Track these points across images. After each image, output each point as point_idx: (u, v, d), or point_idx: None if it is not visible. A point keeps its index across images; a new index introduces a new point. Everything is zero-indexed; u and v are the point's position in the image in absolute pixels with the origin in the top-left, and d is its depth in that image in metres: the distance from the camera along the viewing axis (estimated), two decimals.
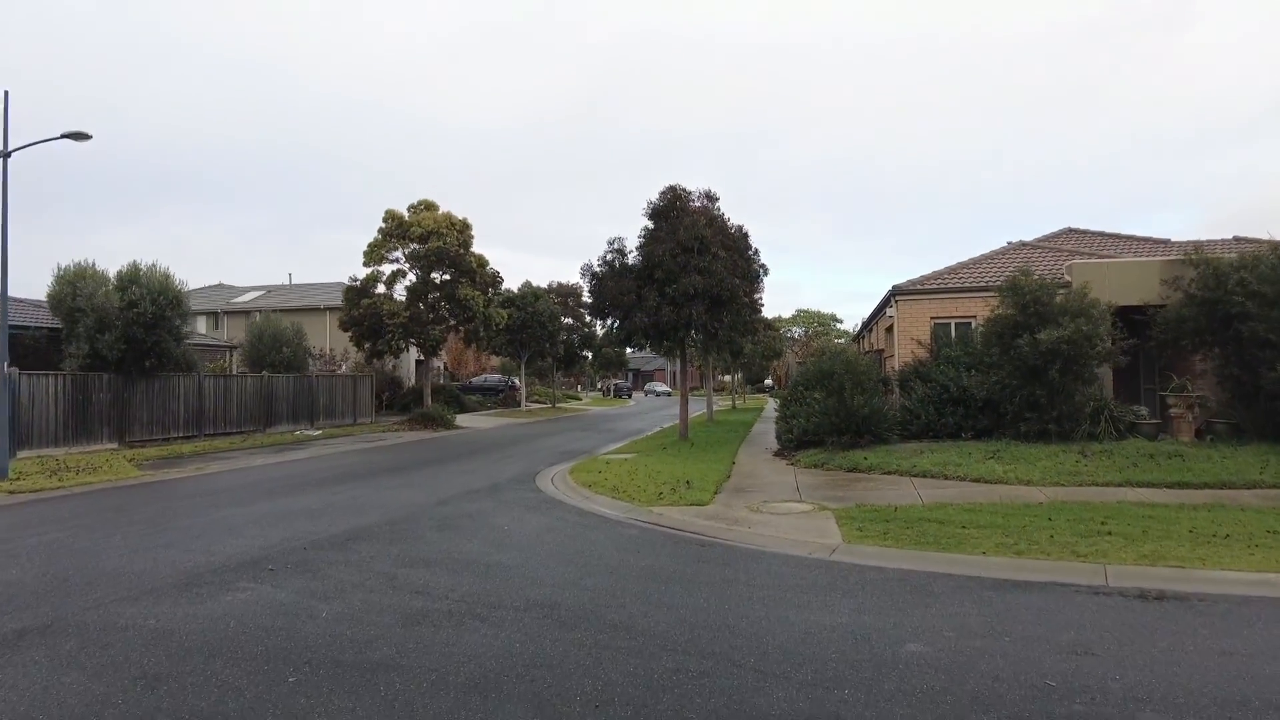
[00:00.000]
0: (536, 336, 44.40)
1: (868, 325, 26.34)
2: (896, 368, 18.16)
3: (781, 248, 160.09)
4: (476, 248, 34.23)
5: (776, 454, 18.27)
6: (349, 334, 33.02)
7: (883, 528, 9.51)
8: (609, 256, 21.26)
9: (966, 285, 18.45)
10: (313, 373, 32.77)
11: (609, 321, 21.79)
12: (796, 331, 65.86)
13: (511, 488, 14.20)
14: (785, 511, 11.07)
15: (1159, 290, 16.12)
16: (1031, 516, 9.73)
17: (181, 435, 25.18)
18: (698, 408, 41.22)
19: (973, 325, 18.46)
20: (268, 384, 29.30)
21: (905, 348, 18.37)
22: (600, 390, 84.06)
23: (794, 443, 17.66)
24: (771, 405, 48.48)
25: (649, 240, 20.79)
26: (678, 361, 34.78)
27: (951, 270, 19.40)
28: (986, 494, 11.63)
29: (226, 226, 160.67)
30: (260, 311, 41.01)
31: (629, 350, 78.04)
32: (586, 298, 21.57)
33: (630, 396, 76.97)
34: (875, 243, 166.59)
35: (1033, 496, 11.32)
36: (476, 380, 58.43)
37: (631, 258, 21.20)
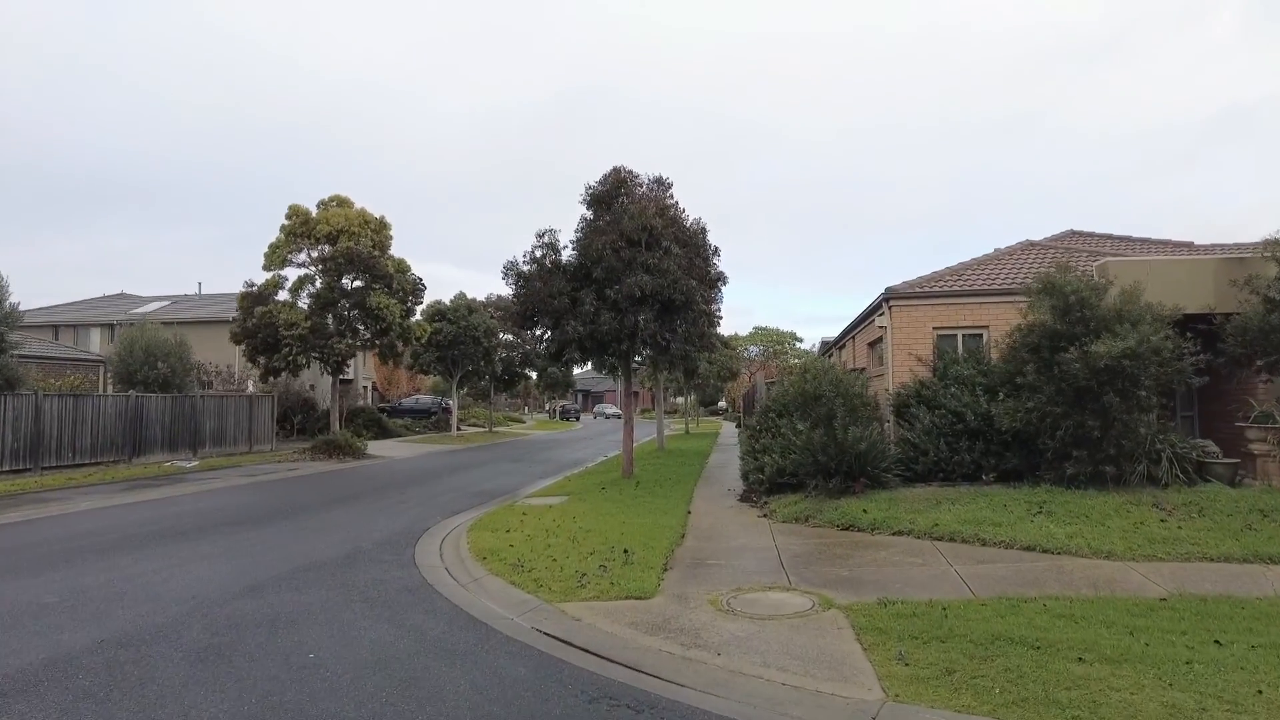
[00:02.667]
0: (470, 353, 40.10)
1: (842, 340, 22.78)
2: (890, 389, 14.54)
3: (735, 268, 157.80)
4: (419, 262, 30.07)
5: (743, 498, 14.43)
6: (242, 347, 28.39)
7: (942, 657, 5.68)
8: (538, 253, 17.32)
9: (977, 288, 14.97)
10: (197, 392, 28.02)
11: (539, 333, 17.78)
12: (753, 350, 62.47)
13: (375, 559, 10.06)
14: (771, 612, 7.18)
15: (1217, 294, 12.79)
16: (1170, 629, 6.02)
17: (8, 469, 20.34)
18: (647, 432, 37.32)
19: (984, 338, 14.96)
20: (135, 405, 24.55)
21: (901, 364, 14.78)
22: (548, 413, 79.61)
23: (765, 485, 13.85)
24: (728, 430, 44.79)
25: (587, 232, 16.92)
26: (624, 381, 31.04)
27: (954, 271, 15.94)
28: (1060, 575, 7.94)
29: (175, 240, 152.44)
30: (156, 322, 36.13)
31: (576, 370, 73.86)
32: (511, 302, 17.55)
33: (578, 419, 72.77)
34: (830, 265, 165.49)
35: (1134, 582, 7.64)
36: (407, 402, 53.78)
37: (566, 254, 17.30)
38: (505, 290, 17.45)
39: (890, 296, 15.06)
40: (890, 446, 13.03)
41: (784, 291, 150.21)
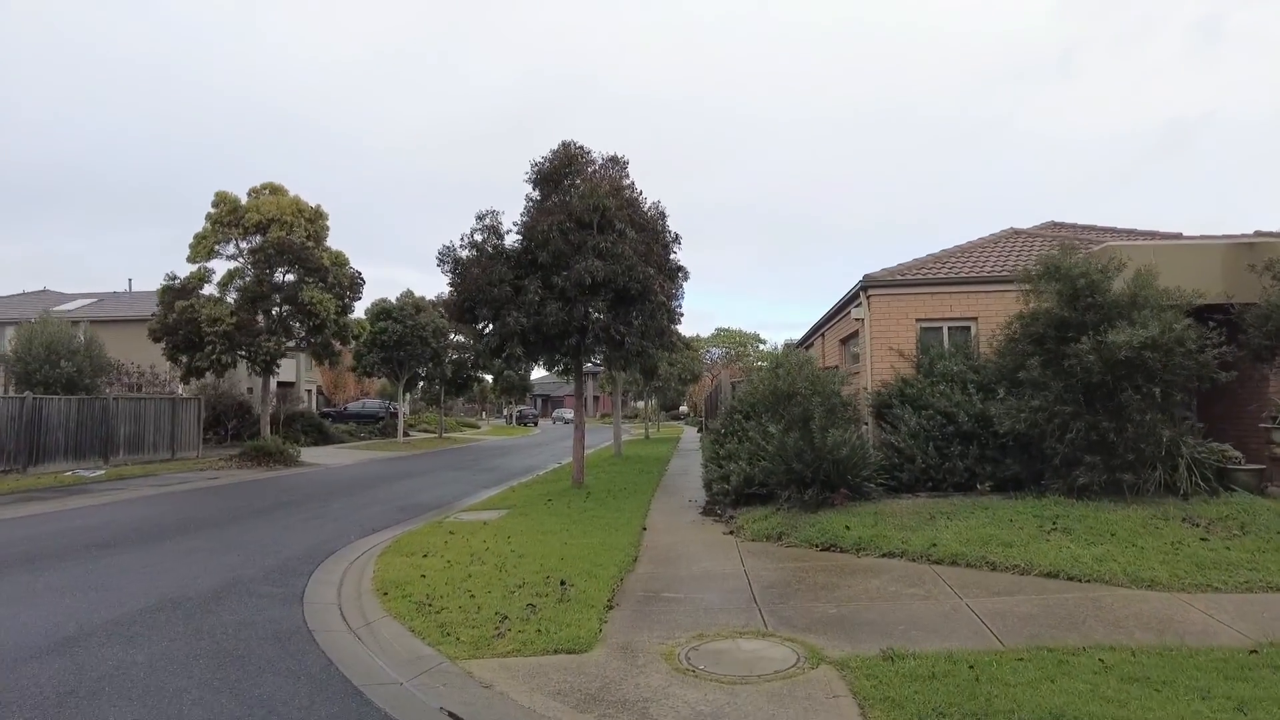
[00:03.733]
0: (418, 355, 37.96)
1: (809, 339, 21.27)
2: (869, 388, 12.99)
3: (695, 273, 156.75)
4: (375, 264, 27.90)
5: (706, 511, 12.74)
6: (161, 345, 25.99)
7: None
8: (478, 236, 15.47)
9: (964, 276, 13.49)
10: (109, 394, 25.53)
11: (480, 328, 15.93)
12: (715, 353, 60.94)
13: (255, 591, 8.15)
14: (744, 672, 5.46)
15: (1228, 281, 11.48)
16: None
17: None
18: (605, 438, 35.54)
19: (972, 331, 13.49)
20: (32, 408, 22.07)
21: (881, 360, 13.23)
22: (505, 418, 77.35)
23: (730, 496, 12.18)
24: (690, 435, 43.14)
25: (533, 213, 15.12)
26: (587, 384, 29.35)
27: (938, 259, 14.47)
28: (1101, 612, 6.36)
29: (118, 242, 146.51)
30: (84, 321, 33.41)
31: (535, 374, 71.71)
32: (447, 291, 15.67)
33: (536, 424, 70.71)
34: (791, 273, 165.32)
35: (1197, 622, 6.07)
36: (354, 406, 51.34)
37: (510, 239, 15.48)
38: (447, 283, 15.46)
39: (869, 285, 13.52)
40: (871, 452, 11.44)
41: (745, 298, 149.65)
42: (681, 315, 18.02)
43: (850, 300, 14.52)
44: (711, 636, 6.25)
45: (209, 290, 26.62)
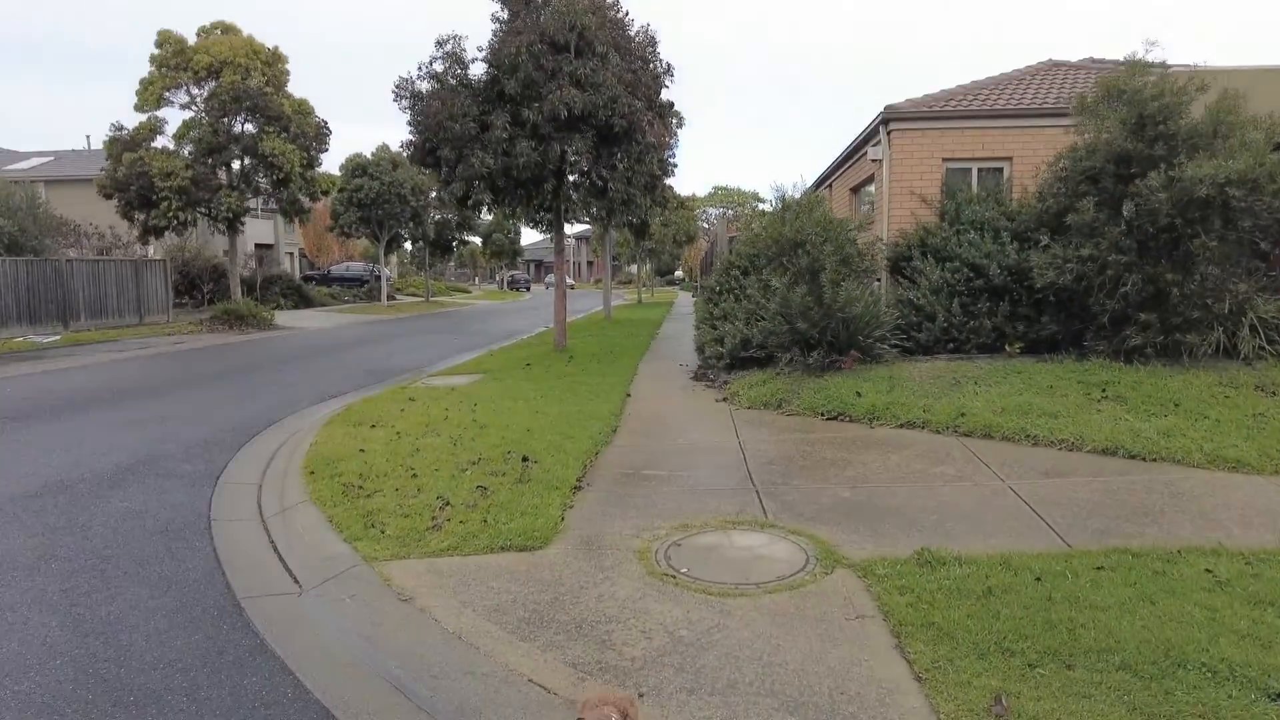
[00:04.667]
0: (396, 214, 35.88)
1: (815, 190, 19.39)
2: (884, 239, 11.43)
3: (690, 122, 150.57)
4: (346, 123, 25.16)
5: (698, 376, 11.47)
6: (114, 203, 24.03)
7: (1071, 704, 2.80)
8: (438, 66, 13.38)
9: (1000, 109, 11.62)
10: (62, 256, 23.85)
11: (443, 175, 14.10)
12: (713, 213, 58.24)
13: (168, 470, 6.95)
14: (738, 577, 4.24)
15: None
16: None
17: None
18: (596, 303, 34.14)
19: (1005, 174, 11.78)
20: None
21: (900, 207, 11.60)
22: (497, 283, 75.70)
23: (725, 360, 10.87)
24: (684, 300, 41.62)
25: (502, 36, 13.00)
26: (580, 249, 27.73)
27: (968, 91, 12.51)
28: (1179, 500, 5.14)
29: (87, 97, 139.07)
30: (28, 180, 31.24)
31: (527, 238, 69.43)
32: (406, 131, 13.75)
33: (528, 289, 69.14)
34: (796, 131, 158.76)
35: None
36: (337, 270, 49.57)
37: (476, 69, 13.41)
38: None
39: (890, 118, 11.67)
40: (884, 310, 10.03)
41: (745, 157, 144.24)
42: (675, 166, 16.19)
43: (868, 138, 12.68)
44: (698, 527, 5.03)
45: (163, 142, 24.40)
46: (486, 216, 43.92)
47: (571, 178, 13.37)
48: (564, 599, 4.04)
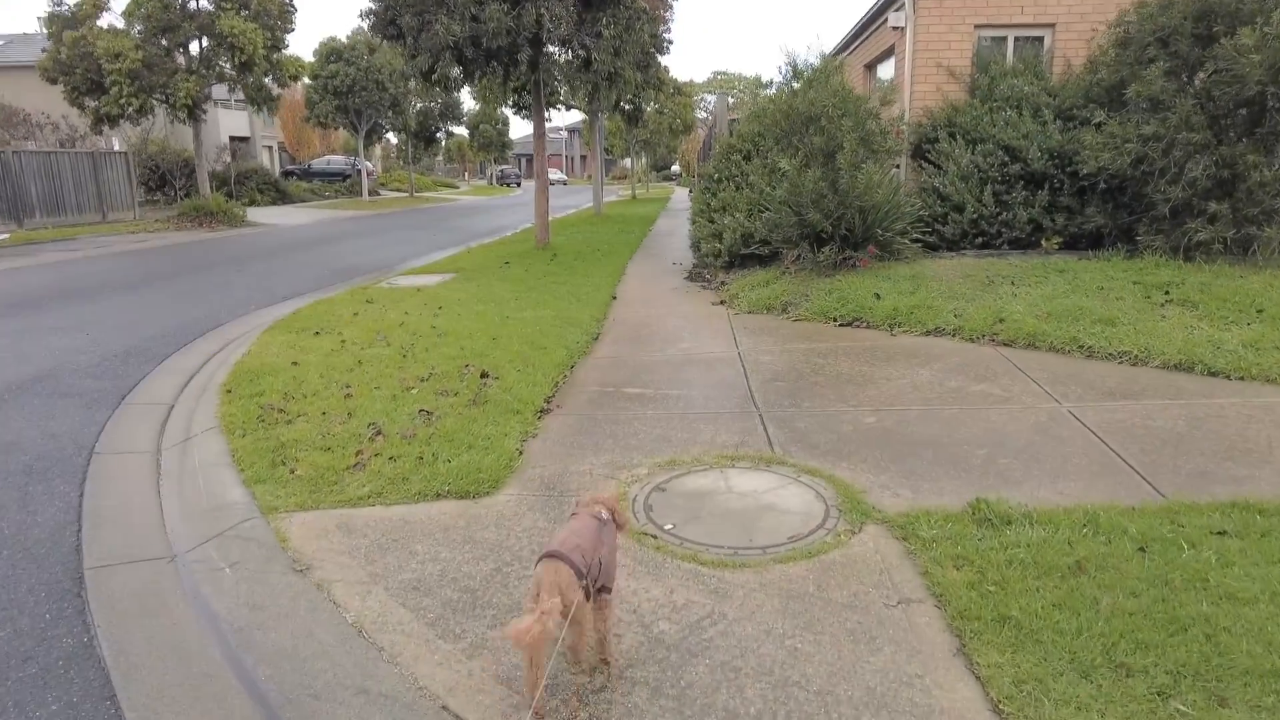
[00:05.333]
0: (375, 102, 33.72)
1: None
2: (906, 118, 10.04)
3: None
4: (317, 2, 22.67)
5: (692, 277, 10.33)
6: (61, 88, 22.11)
7: None
8: None
9: None
10: (7, 149, 22.15)
11: (405, 44, 12.46)
12: (710, 99, 55.09)
13: (57, 394, 5.91)
14: (739, 539, 3.25)
15: None
16: None
17: None
18: (587, 199, 32.52)
19: (1046, 44, 10.27)
20: None
21: (925, 82, 10.16)
22: (487, 179, 73.09)
23: (724, 258, 9.69)
24: (681, 195, 39.69)
25: None
26: (572, 142, 26.21)
27: None
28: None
29: None
30: None
31: (515, 130, 66.39)
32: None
33: (519, 185, 66.57)
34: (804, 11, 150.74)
35: None
36: (318, 164, 47.28)
37: None
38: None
39: None
40: (905, 200, 8.79)
41: (747, 39, 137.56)
42: (670, 43, 14.55)
43: (888, 3, 11.07)
44: (689, 464, 4.03)
45: (110, 20, 22.31)
46: (469, 103, 41.57)
47: (551, 48, 11.81)
48: (508, 571, 3.06)
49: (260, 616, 2.83)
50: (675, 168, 67.39)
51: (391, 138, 48.81)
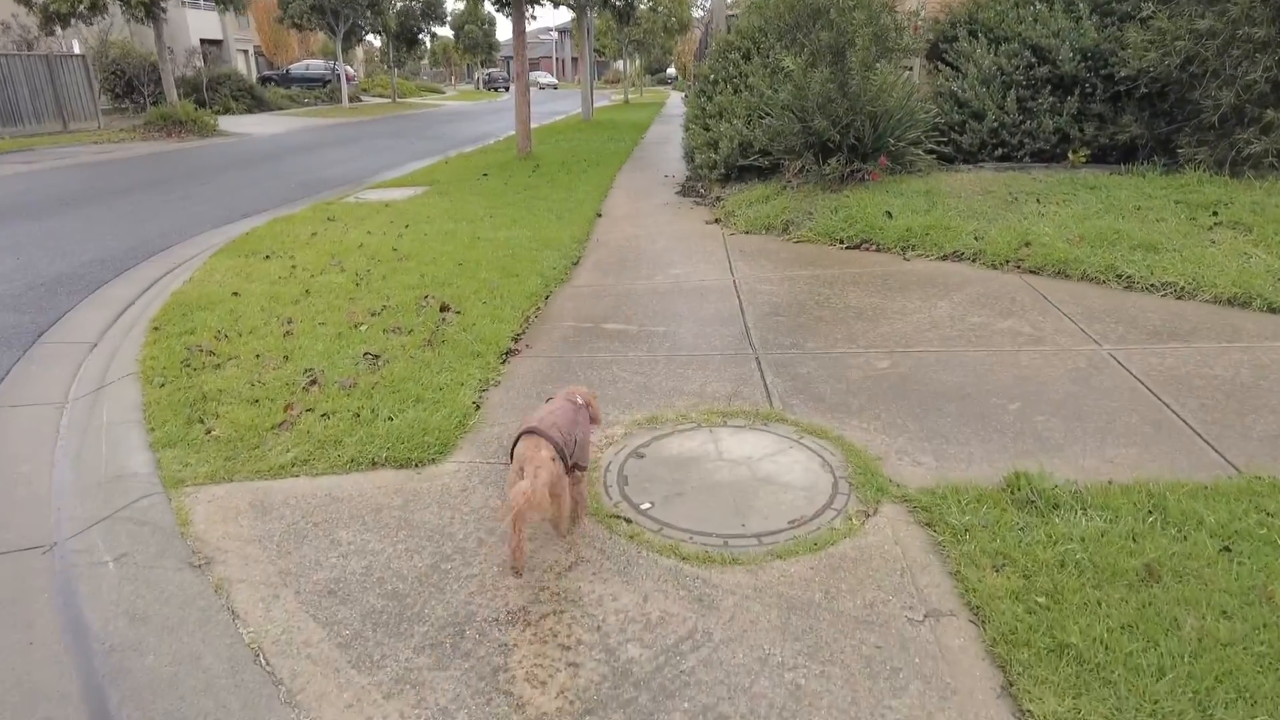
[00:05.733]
0: (351, 1, 31.73)
1: None
2: (923, 15, 9.05)
3: None
4: None
5: (685, 191, 9.56)
6: None
7: None
8: None
9: None
10: None
11: None
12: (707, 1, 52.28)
13: None
14: (728, 533, 2.69)
15: None
16: None
17: None
18: (574, 105, 31.05)
19: None
20: None
21: None
22: (474, 83, 70.26)
23: (719, 170, 8.89)
24: (675, 100, 37.88)
25: None
26: (563, 44, 25.09)
27: None
28: None
29: None
30: None
31: (503, 32, 63.25)
32: None
33: (506, 89, 63.96)
34: None
35: None
36: (297, 69, 45.04)
37: None
38: None
39: None
40: (920, 106, 7.96)
41: None
42: None
43: None
44: (673, 421, 3.45)
45: None
46: (451, 1, 39.40)
47: None
48: (447, 569, 2.51)
49: (140, 632, 2.29)
50: (671, 71, 64.66)
51: (375, 40, 46.48)
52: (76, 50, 27.04)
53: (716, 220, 7.68)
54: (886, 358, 4.07)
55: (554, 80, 65.96)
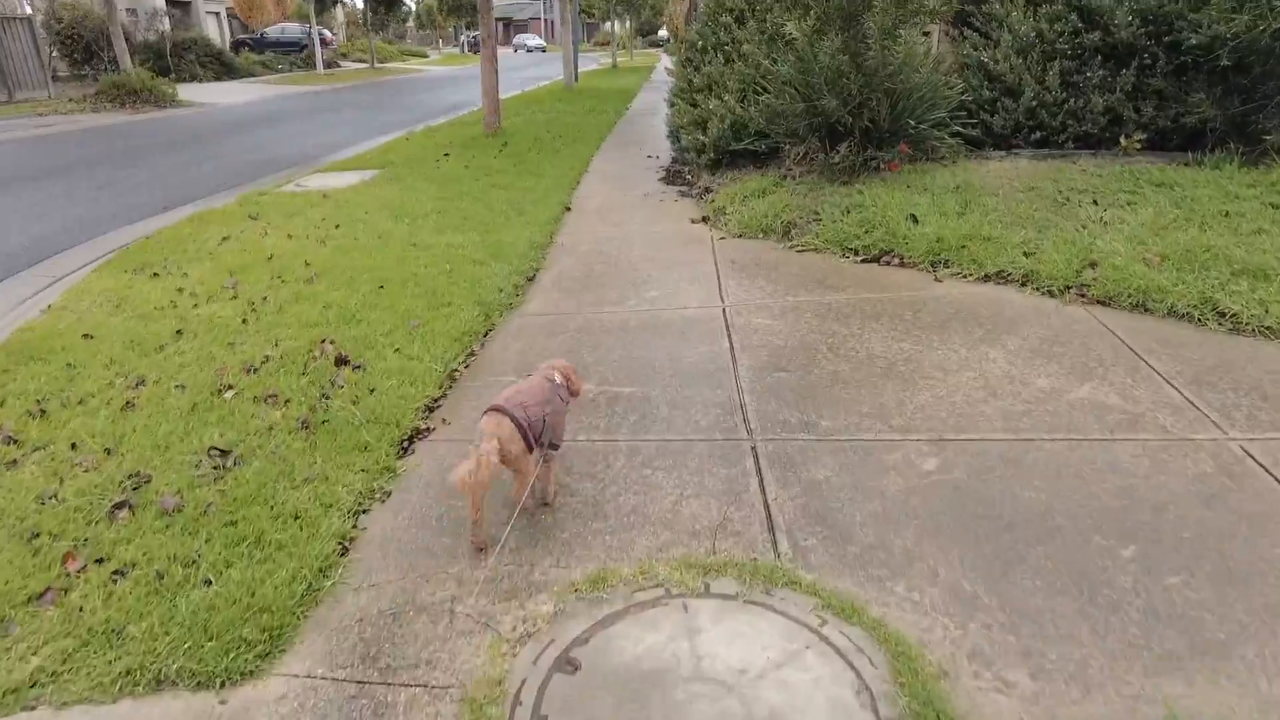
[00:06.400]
0: None
1: None
2: None
3: None
4: None
5: (669, 178, 8.33)
6: None
7: None
8: None
9: None
10: None
11: None
12: None
13: None
14: None
15: None
16: None
17: None
18: (559, 70, 29.52)
19: None
20: None
21: None
22: (459, 46, 67.95)
23: (708, 153, 7.65)
24: (666, 64, 36.11)
25: None
26: (552, 5, 23.47)
27: None
28: None
29: None
30: None
31: None
32: None
33: None
34: None
35: None
36: (272, 32, 43.13)
37: None
38: None
39: None
40: (944, 80, 6.72)
41: None
42: None
43: None
44: (629, 582, 2.33)
45: None
46: None
47: None
48: None
49: None
50: (663, 32, 62.46)
51: (357, 2, 44.51)
52: (27, 11, 25.40)
53: (705, 219, 6.49)
54: (933, 451, 2.94)
55: (542, 43, 63.76)
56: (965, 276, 4.69)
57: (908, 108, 6.24)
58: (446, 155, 10.01)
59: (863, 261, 5.12)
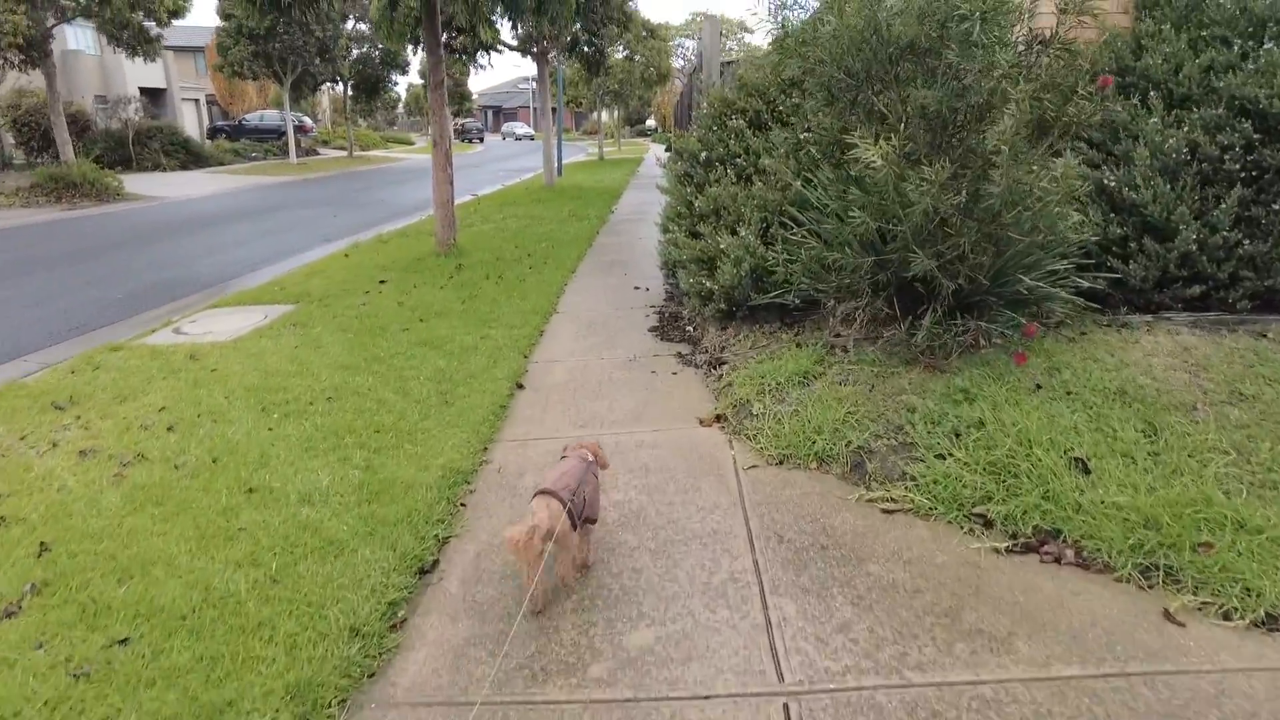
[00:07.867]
0: (298, 48, 28.79)
1: None
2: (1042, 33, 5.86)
3: None
4: None
5: (663, 331, 6.19)
6: None
7: None
8: None
9: None
10: None
11: None
12: (689, 44, 48.77)
13: None
14: None
15: None
16: None
17: None
18: (537, 163, 28.11)
19: None
20: None
21: None
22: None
23: (720, 303, 5.52)
24: (654, 154, 34.71)
25: None
26: (545, 90, 23.20)
27: None
28: None
29: None
30: None
31: (480, 82, 60.65)
32: None
33: (481, 140, 61.34)
34: None
35: None
36: (251, 119, 42.14)
37: None
38: None
39: None
40: (1057, 212, 4.67)
41: None
42: None
43: None
44: None
45: None
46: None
47: None
48: None
49: None
50: (650, 121, 62.18)
51: (340, 89, 43.63)
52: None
53: (719, 420, 4.31)
54: None
55: (531, 131, 63.37)
56: (1217, 609, 2.50)
57: (1016, 255, 4.18)
58: (383, 283, 7.93)
59: (1009, 550, 2.93)
